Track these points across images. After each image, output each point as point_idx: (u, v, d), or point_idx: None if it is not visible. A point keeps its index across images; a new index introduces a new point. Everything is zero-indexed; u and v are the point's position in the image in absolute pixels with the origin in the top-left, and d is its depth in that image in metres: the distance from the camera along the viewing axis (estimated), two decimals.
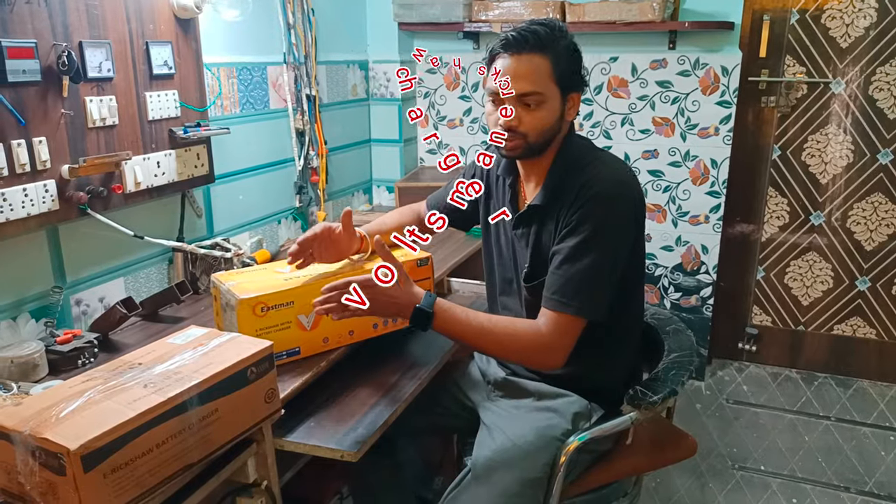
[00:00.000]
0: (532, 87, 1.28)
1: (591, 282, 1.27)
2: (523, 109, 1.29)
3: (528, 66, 1.28)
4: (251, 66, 2.05)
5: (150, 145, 1.61)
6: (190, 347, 1.12)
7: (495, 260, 1.52)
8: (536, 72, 1.28)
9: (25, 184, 1.34)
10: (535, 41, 1.27)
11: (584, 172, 1.31)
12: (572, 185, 1.31)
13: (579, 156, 1.35)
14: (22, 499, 0.92)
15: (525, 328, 1.31)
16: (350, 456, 1.18)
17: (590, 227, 1.26)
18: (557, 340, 1.28)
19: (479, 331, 1.30)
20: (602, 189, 1.28)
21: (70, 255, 1.52)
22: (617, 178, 1.32)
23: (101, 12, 1.45)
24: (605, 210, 1.27)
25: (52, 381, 1.28)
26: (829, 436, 2.46)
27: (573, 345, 1.29)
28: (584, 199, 1.28)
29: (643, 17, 2.37)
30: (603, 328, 1.35)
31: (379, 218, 1.66)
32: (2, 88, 1.27)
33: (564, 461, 1.30)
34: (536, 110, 1.29)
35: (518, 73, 1.28)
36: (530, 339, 1.29)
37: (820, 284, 2.78)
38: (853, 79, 2.54)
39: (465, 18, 2.59)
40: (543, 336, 1.28)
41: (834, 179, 2.66)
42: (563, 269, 1.28)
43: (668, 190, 2.67)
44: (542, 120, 1.30)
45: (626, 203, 1.30)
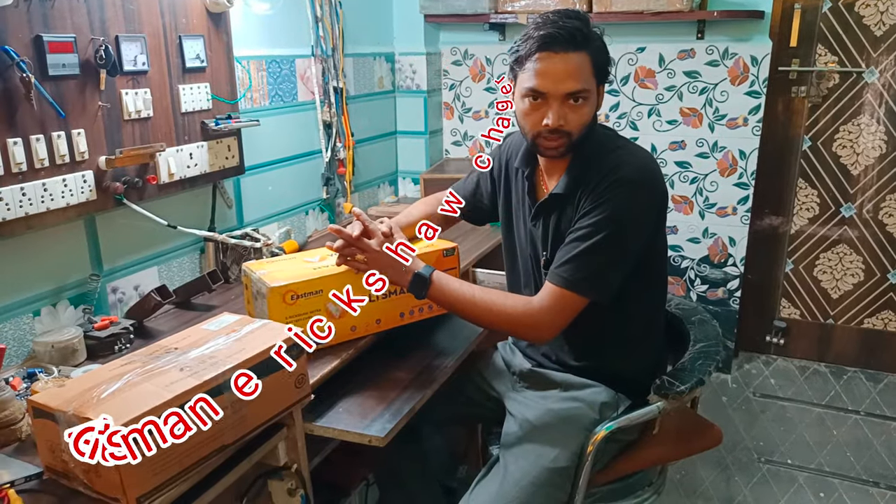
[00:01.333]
0: (581, 85, 1.26)
1: (598, 262, 1.26)
2: (568, 108, 1.27)
3: (575, 63, 1.25)
4: (280, 59, 2.08)
5: (183, 137, 1.65)
6: (223, 333, 1.15)
7: (518, 253, 1.52)
8: (582, 69, 1.26)
9: (65, 174, 1.38)
10: (581, 38, 1.25)
11: (607, 159, 1.31)
12: (596, 171, 1.31)
13: (603, 144, 1.35)
14: (66, 476, 0.97)
15: (517, 299, 1.33)
16: (378, 441, 1.20)
17: (607, 209, 1.26)
18: (549, 314, 1.28)
19: (471, 299, 1.32)
20: (624, 174, 1.28)
21: (107, 244, 1.56)
22: (641, 165, 1.31)
23: (136, 7, 1.49)
24: (625, 195, 1.27)
25: (91, 366, 1.32)
26: (859, 430, 2.43)
27: (567, 322, 1.29)
28: (606, 184, 1.27)
29: (671, 6, 2.35)
30: (626, 317, 1.35)
31: (406, 209, 1.68)
32: (43, 82, 1.31)
33: (592, 450, 1.31)
34: (582, 107, 1.28)
35: (566, 72, 1.25)
36: (521, 311, 1.30)
37: (850, 277, 2.74)
38: (887, 68, 2.49)
39: (490, 10, 2.59)
40: (534, 308, 1.29)
41: (866, 171, 2.62)
42: (571, 246, 1.28)
43: (695, 181, 2.65)
44: (586, 116, 1.30)
45: (648, 191, 1.30)
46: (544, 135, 1.29)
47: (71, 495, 0.97)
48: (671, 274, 2.77)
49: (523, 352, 1.56)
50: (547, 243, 1.40)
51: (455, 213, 1.61)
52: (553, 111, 1.27)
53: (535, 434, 1.36)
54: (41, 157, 1.33)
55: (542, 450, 1.33)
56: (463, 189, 1.65)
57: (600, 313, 1.31)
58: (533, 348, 1.51)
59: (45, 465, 0.99)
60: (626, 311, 1.37)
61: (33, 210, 1.33)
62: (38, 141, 1.32)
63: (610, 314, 1.34)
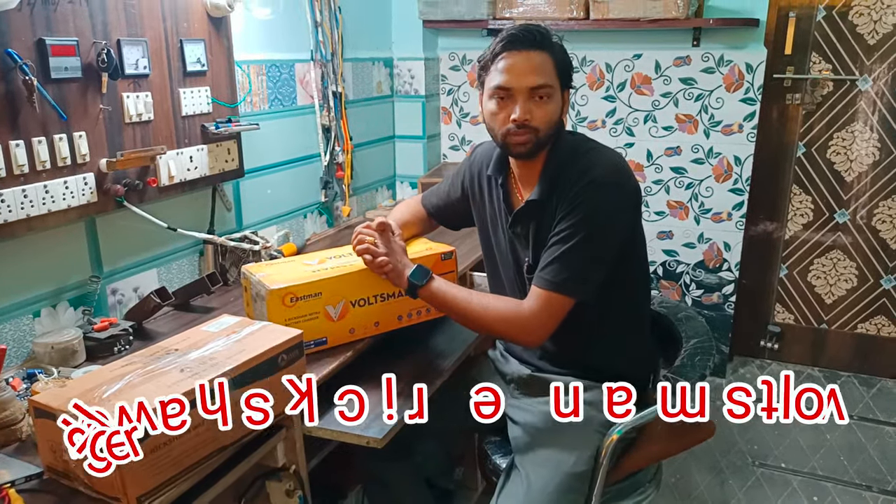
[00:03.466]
0: (545, 80, 1.31)
1: (580, 262, 1.30)
2: (534, 104, 1.32)
3: (537, 60, 1.31)
4: (280, 63, 2.10)
5: (184, 140, 1.66)
6: (223, 335, 1.16)
7: (498, 259, 1.53)
8: (545, 66, 1.32)
9: (66, 176, 1.39)
10: (541, 38, 1.32)
11: (579, 163, 1.34)
12: (569, 176, 1.34)
13: (573, 148, 1.38)
14: (67, 476, 0.97)
15: (508, 302, 1.36)
16: (376, 442, 1.21)
17: (583, 210, 1.29)
18: (538, 318, 1.31)
19: (466, 300, 1.37)
20: (597, 175, 1.31)
21: (107, 245, 1.57)
22: (612, 165, 1.35)
23: (138, 11, 1.50)
24: (599, 195, 1.30)
25: (91, 367, 1.33)
26: (852, 435, 2.45)
27: (556, 324, 1.32)
28: (579, 186, 1.31)
29: (667, 14, 2.37)
30: (615, 314, 1.37)
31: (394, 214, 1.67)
32: (45, 84, 1.32)
33: (608, 451, 1.32)
34: (546, 104, 1.32)
35: (530, 67, 1.31)
36: (512, 315, 1.33)
37: (844, 283, 2.77)
38: (881, 76, 2.52)
39: (489, 16, 2.61)
40: (524, 312, 1.32)
41: (859, 177, 2.64)
42: (552, 249, 1.31)
43: (690, 187, 2.67)
44: (552, 113, 1.34)
45: (622, 189, 1.33)
46: (512, 131, 1.33)
47: (71, 495, 0.98)
48: (666, 279, 2.79)
49: (519, 358, 1.55)
50: (528, 249, 1.42)
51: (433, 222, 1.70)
52: (519, 105, 1.31)
53: (549, 440, 1.36)
54: (43, 159, 1.34)
55: (561, 455, 1.33)
56: (442, 194, 1.67)
57: (591, 312, 1.34)
58: (529, 353, 1.52)
59: (45, 464, 1.00)
60: (615, 308, 1.39)
61: (34, 212, 1.34)
62: (39, 143, 1.33)
63: (599, 312, 1.36)
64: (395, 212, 1.69)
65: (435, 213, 1.68)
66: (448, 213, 1.67)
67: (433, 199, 1.69)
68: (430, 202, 1.69)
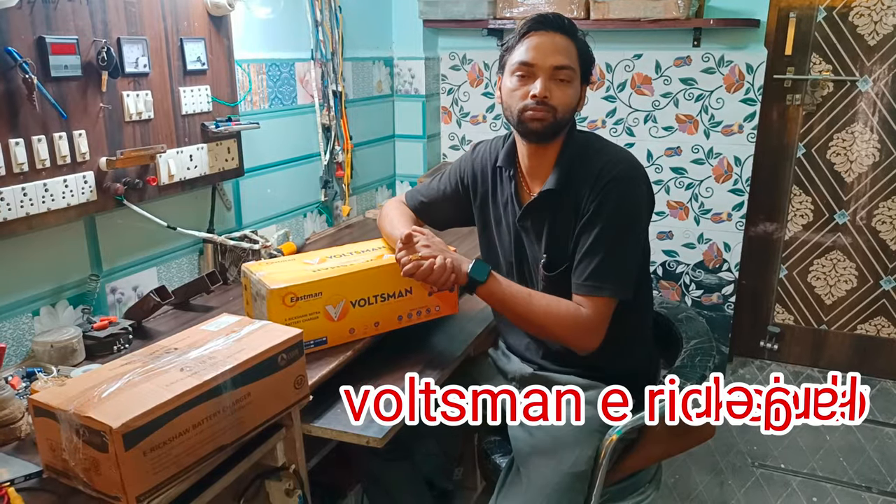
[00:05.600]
0: (568, 62, 1.33)
1: (620, 262, 1.32)
2: (554, 84, 1.33)
3: (563, 43, 1.34)
4: (280, 62, 2.10)
5: (184, 139, 1.66)
6: (223, 334, 1.16)
7: (501, 255, 1.53)
8: (569, 50, 1.35)
9: (66, 175, 1.39)
10: (569, 24, 1.35)
11: (597, 158, 1.35)
12: (587, 170, 1.35)
13: (586, 144, 1.40)
14: (66, 474, 0.97)
15: (567, 307, 1.35)
16: (376, 442, 1.21)
17: (613, 209, 1.31)
18: (595, 323, 1.33)
19: (526, 302, 1.35)
20: (620, 172, 1.33)
21: (106, 244, 1.57)
22: (632, 162, 1.37)
23: (138, 9, 1.50)
24: (626, 191, 1.32)
25: (90, 365, 1.33)
26: (852, 436, 2.45)
27: (606, 328, 1.34)
28: (604, 183, 1.32)
29: (668, 14, 2.37)
30: (624, 314, 1.37)
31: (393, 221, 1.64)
32: (45, 83, 1.32)
33: (607, 451, 1.32)
34: (567, 87, 1.34)
35: (554, 48, 1.33)
36: (572, 320, 1.33)
37: (843, 284, 2.77)
38: (881, 77, 2.52)
39: (489, 16, 2.61)
40: (582, 317, 1.33)
41: (859, 178, 2.64)
42: (591, 251, 1.32)
43: (690, 187, 2.67)
44: (570, 97, 1.35)
45: (642, 184, 1.36)
46: (530, 106, 1.33)
47: (71, 494, 0.97)
48: (666, 279, 2.79)
49: (521, 356, 1.56)
50: (540, 245, 1.41)
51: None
52: (540, 81, 1.32)
53: (549, 439, 1.36)
54: (42, 158, 1.34)
55: (561, 455, 1.33)
56: (430, 192, 1.65)
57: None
58: (532, 351, 1.52)
59: (45, 463, 1.00)
60: (619, 307, 1.39)
61: (34, 210, 1.34)
62: (39, 141, 1.33)
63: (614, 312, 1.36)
64: (392, 218, 1.63)
65: (421, 211, 1.66)
66: (435, 211, 1.65)
67: (419, 198, 1.67)
68: (417, 200, 1.67)
